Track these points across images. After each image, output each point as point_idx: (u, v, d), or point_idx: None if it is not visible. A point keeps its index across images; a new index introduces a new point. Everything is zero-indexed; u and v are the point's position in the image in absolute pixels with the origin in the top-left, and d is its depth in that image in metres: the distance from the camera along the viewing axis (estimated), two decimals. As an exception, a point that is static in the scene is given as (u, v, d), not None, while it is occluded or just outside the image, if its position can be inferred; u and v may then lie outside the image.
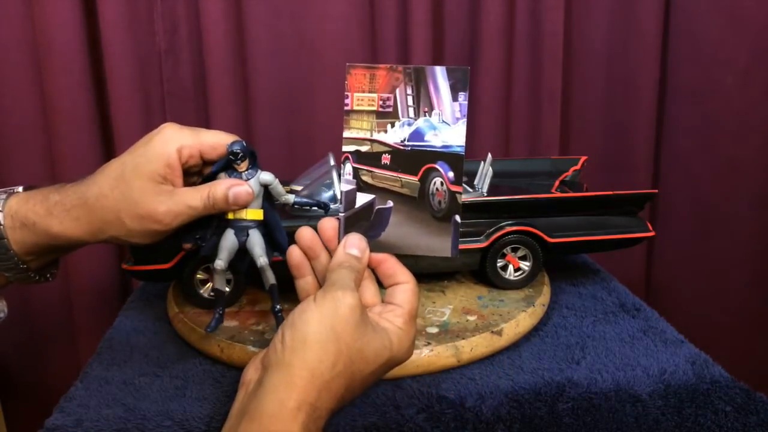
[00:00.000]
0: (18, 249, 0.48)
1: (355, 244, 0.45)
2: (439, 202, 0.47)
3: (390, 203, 0.47)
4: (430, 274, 0.66)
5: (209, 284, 0.60)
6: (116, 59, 0.88)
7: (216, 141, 0.48)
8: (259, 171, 0.49)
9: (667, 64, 1.04)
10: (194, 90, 0.95)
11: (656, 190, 0.69)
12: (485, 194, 0.64)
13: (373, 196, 0.47)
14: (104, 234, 0.48)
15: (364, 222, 0.47)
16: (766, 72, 0.99)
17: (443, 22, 0.98)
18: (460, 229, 0.62)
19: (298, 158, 0.98)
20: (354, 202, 0.47)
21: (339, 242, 0.46)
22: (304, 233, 0.46)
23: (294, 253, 0.46)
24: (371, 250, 0.46)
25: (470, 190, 0.65)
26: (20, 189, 0.50)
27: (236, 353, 0.54)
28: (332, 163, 0.64)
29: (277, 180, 0.49)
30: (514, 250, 0.65)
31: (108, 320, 0.67)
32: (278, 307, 0.51)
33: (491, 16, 0.95)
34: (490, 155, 0.69)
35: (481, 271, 0.65)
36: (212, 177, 0.49)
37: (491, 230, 0.63)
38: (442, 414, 0.49)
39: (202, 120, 0.95)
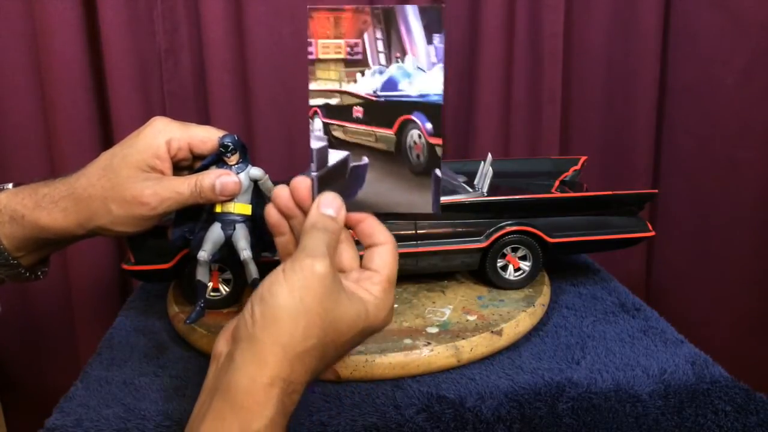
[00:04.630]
0: (8, 244, 0.49)
1: (329, 203, 0.42)
2: (418, 156, 0.43)
3: (365, 159, 0.44)
4: (430, 274, 0.66)
5: (210, 284, 0.60)
6: (116, 59, 0.88)
7: (206, 135, 0.49)
8: (250, 166, 0.49)
9: (667, 64, 1.04)
10: (194, 90, 0.95)
11: (656, 190, 0.69)
12: (485, 194, 0.64)
13: (346, 152, 0.43)
14: (91, 223, 0.48)
15: (339, 181, 0.44)
16: (766, 72, 0.99)
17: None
18: (461, 229, 0.63)
19: (298, 158, 0.98)
20: (326, 160, 0.43)
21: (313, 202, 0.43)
22: (281, 193, 0.44)
23: (271, 212, 0.44)
24: (348, 210, 0.43)
25: (470, 190, 0.65)
26: (10, 186, 0.51)
27: (236, 353, 0.54)
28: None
29: (267, 176, 0.49)
30: (514, 250, 0.65)
31: (108, 320, 0.67)
32: None
33: (491, 16, 0.95)
34: (490, 155, 0.69)
35: (481, 271, 0.65)
36: (202, 171, 0.49)
37: (491, 230, 0.63)
38: (442, 414, 0.49)
39: (203, 120, 0.95)
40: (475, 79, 0.98)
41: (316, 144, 0.43)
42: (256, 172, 0.49)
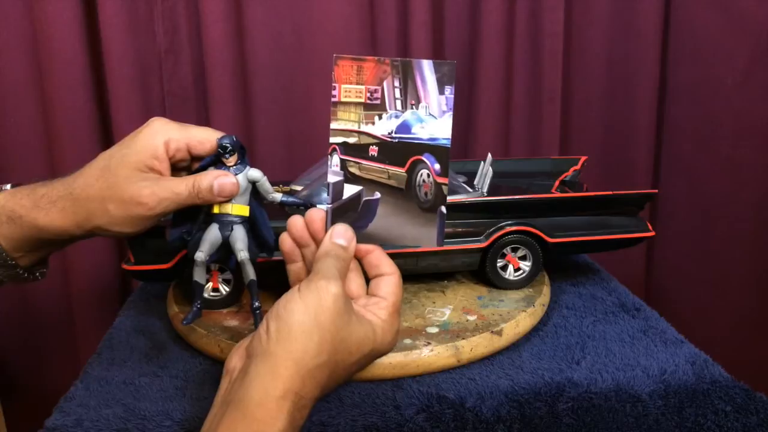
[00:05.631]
0: (6, 244, 0.49)
1: (341, 234, 0.45)
2: (426, 194, 0.47)
3: (377, 194, 0.47)
4: (430, 274, 0.66)
5: (210, 284, 0.60)
6: (116, 59, 0.88)
7: (204, 136, 0.49)
8: (248, 167, 0.49)
9: (667, 64, 1.04)
10: (194, 90, 0.95)
11: (656, 190, 0.69)
12: (485, 194, 0.64)
13: (360, 187, 0.47)
14: (90, 224, 0.48)
15: (351, 213, 0.47)
16: (766, 72, 0.99)
17: (443, 23, 0.98)
18: (461, 229, 0.63)
19: (298, 158, 0.98)
20: (341, 193, 0.47)
21: (326, 233, 0.46)
22: (296, 222, 0.47)
23: (285, 241, 0.47)
24: (358, 242, 0.46)
25: (470, 190, 0.65)
26: (8, 186, 0.51)
27: (236, 353, 0.54)
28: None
29: (265, 177, 0.49)
30: (514, 250, 0.65)
31: (108, 320, 0.67)
32: (257, 303, 0.50)
33: (491, 16, 0.95)
34: (490, 155, 0.69)
35: (481, 271, 0.65)
36: (201, 172, 0.49)
37: (491, 230, 0.63)
38: (442, 414, 0.49)
39: (202, 120, 0.95)
40: (475, 79, 0.98)
41: (333, 178, 0.47)
42: (254, 173, 0.49)
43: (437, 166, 0.46)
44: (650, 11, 0.99)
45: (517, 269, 0.65)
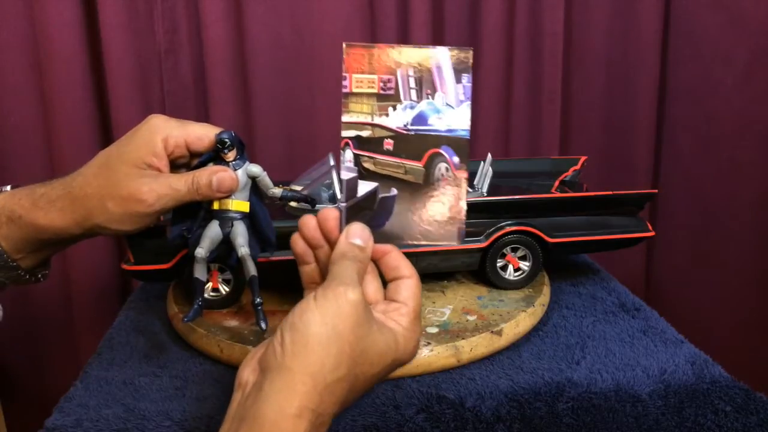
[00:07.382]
0: (6, 245, 0.49)
1: (358, 234, 0.42)
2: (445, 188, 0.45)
3: (394, 191, 0.45)
4: (430, 274, 0.66)
5: (210, 284, 0.60)
6: (116, 59, 0.88)
7: (203, 132, 0.48)
8: (247, 162, 0.49)
9: (668, 64, 1.04)
10: (194, 90, 0.95)
11: (656, 190, 0.69)
12: (485, 194, 0.64)
13: (375, 183, 0.45)
14: (89, 222, 0.47)
15: (367, 212, 0.45)
16: (766, 71, 0.99)
17: (443, 23, 0.98)
18: (460, 229, 0.63)
19: (298, 158, 0.98)
20: (356, 190, 0.44)
21: (341, 233, 0.43)
22: (308, 222, 0.44)
23: (297, 242, 0.44)
24: (374, 241, 0.44)
25: (470, 190, 0.65)
26: (8, 188, 0.51)
27: (236, 353, 0.54)
28: (332, 163, 0.64)
29: (265, 173, 0.49)
30: (514, 250, 0.65)
31: (108, 320, 0.67)
32: (258, 300, 0.50)
33: (491, 16, 0.95)
34: (490, 155, 0.69)
35: (481, 271, 0.65)
36: (199, 168, 0.49)
37: (491, 230, 0.63)
38: (442, 414, 0.49)
39: (202, 119, 0.95)
40: (476, 79, 0.98)
41: (346, 175, 0.44)
42: (254, 168, 0.49)
43: (456, 159, 0.44)
44: (650, 11, 0.99)
45: (517, 269, 0.65)
